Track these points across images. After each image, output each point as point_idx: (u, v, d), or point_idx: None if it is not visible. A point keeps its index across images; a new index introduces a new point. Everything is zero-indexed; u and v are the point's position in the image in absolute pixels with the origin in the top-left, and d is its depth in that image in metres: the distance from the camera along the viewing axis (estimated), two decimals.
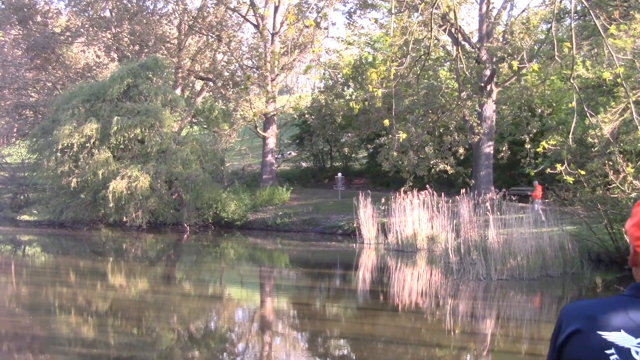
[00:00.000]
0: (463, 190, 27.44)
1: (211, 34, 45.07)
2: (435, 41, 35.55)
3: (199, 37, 45.74)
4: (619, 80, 15.76)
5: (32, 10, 47.91)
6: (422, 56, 33.13)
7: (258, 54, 43.96)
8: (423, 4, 31.46)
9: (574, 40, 18.41)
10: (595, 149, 19.41)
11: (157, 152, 36.37)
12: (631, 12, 15.18)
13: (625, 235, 14.83)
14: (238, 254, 30.30)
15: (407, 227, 27.69)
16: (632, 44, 14.00)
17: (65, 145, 35.92)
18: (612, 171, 14.82)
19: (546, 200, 27.25)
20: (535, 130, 33.30)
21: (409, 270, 24.08)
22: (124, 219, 35.70)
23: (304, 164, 49.73)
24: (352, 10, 41.77)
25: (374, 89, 30.57)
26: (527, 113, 35.53)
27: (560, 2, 24.87)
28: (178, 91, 42.32)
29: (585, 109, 18.15)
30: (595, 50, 22.56)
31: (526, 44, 34.81)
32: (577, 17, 27.56)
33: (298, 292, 21.43)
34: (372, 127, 36.69)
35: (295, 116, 47.63)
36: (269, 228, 36.27)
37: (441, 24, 32.41)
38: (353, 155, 47.43)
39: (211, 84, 45.84)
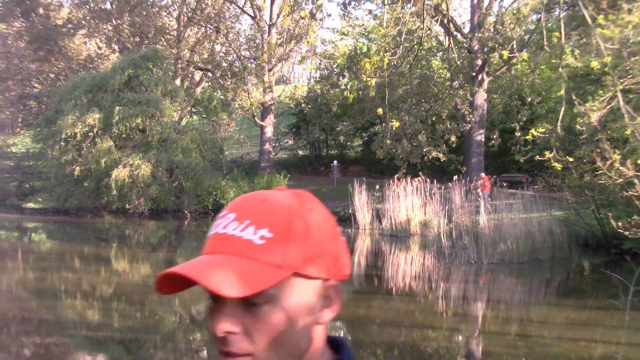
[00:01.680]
0: (455, 177, 27.51)
1: (209, 26, 45.03)
2: (428, 32, 35.62)
3: (198, 28, 45.67)
4: (606, 69, 15.77)
5: (35, 3, 47.84)
6: (415, 46, 33.43)
7: (255, 45, 43.93)
8: None
9: (562, 30, 18.46)
10: (583, 136, 19.45)
11: (157, 141, 36.39)
12: (619, 3, 15.18)
13: (611, 220, 14.89)
14: None
15: (401, 213, 27.77)
16: (620, 34, 14.01)
17: (69, 134, 36.06)
18: (599, 158, 14.87)
19: (535, 186, 27.29)
20: (525, 119, 33.41)
21: (402, 254, 24.14)
22: (127, 206, 35.87)
23: (300, 152, 49.77)
24: (346, 1, 41.70)
25: (368, 79, 30.72)
26: (518, 102, 35.63)
27: None
28: (178, 81, 42.29)
29: (574, 97, 18.20)
30: (584, 40, 22.51)
31: (516, 34, 34.88)
32: (566, 7, 27.46)
33: None
34: (366, 115, 36.75)
35: (291, 105, 47.68)
36: None
37: (434, 14, 32.51)
38: (348, 143, 47.51)
39: (210, 74, 45.80)
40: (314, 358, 1.25)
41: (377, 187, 29.62)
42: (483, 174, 30.24)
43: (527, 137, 24.53)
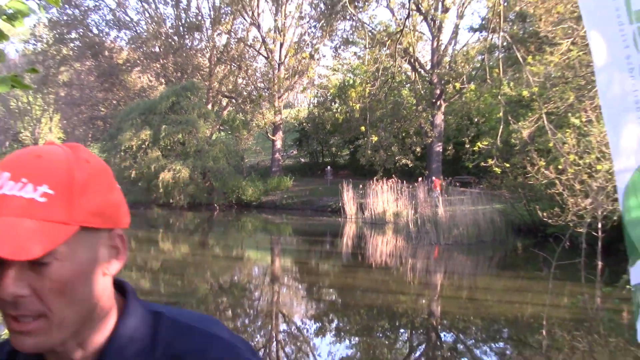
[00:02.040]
0: (420, 179, 27.64)
1: (234, 64, 44.99)
2: (399, 68, 35.58)
3: (225, 66, 45.60)
4: (534, 97, 15.81)
5: (102, 47, 47.77)
6: (389, 79, 33.35)
7: (268, 78, 43.90)
8: (389, 40, 31.52)
9: (501, 67, 18.38)
10: (517, 147, 19.42)
11: (194, 152, 36.37)
12: (543, 46, 15.16)
13: (538, 211, 14.85)
14: (254, 226, 30.29)
15: (379, 206, 27.76)
16: (544, 70, 14.01)
17: (127, 146, 36.18)
18: (529, 164, 14.83)
19: (481, 186, 27.26)
20: (472, 134, 33.31)
21: (379, 237, 24.09)
22: (170, 201, 35.93)
23: (302, 160, 49.66)
24: (337, 45, 41.79)
25: (354, 104, 30.49)
26: (467, 121, 35.58)
27: (491, 39, 24.85)
28: (209, 106, 42.18)
29: (510, 118, 18.22)
30: (517, 75, 22.53)
31: (466, 71, 34.91)
32: (503, 50, 27.50)
33: (298, 253, 21.45)
34: (352, 132, 36.73)
35: (295, 124, 47.72)
36: (277, 207, 36.29)
37: (403, 55, 32.53)
38: (339, 153, 47.41)
39: (233, 100, 45.76)
40: (106, 308, 1.06)
41: (361, 186, 29.73)
42: (434, 178, 30.24)
43: (474, 149, 24.62)
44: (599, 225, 11.44)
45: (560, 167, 10.42)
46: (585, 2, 2.69)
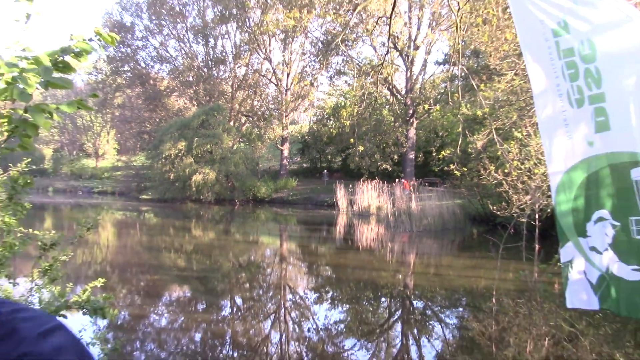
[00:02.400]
0: (397, 180, 27.60)
1: (250, 90, 45.02)
2: (380, 93, 35.61)
3: (243, 91, 45.55)
4: (485, 116, 15.87)
5: (148, 77, 47.79)
6: (372, 102, 33.26)
7: (277, 101, 43.84)
8: (373, 72, 31.48)
9: (460, 93, 18.31)
10: (472, 155, 19.40)
11: (219, 159, 36.30)
12: (493, 76, 15.18)
13: (490, 205, 14.84)
14: (266, 217, 30.26)
15: (364, 201, 27.74)
16: (493, 95, 14.03)
17: (167, 155, 36.17)
18: (482, 168, 14.82)
19: (445, 185, 27.25)
20: (437, 145, 33.39)
21: (365, 226, 24.07)
22: (201, 197, 35.85)
23: (304, 165, 49.52)
24: (332, 75, 41.74)
25: (345, 121, 30.20)
26: (433, 135, 35.62)
27: (452, 70, 24.90)
28: (231, 123, 42.08)
29: (467, 132, 18.23)
30: (472, 98, 22.54)
31: (432, 95, 34.85)
32: (462, 79, 27.51)
33: (301, 239, 21.43)
34: (343, 143, 36.67)
35: (299, 137, 47.60)
36: (284, 202, 36.26)
37: (383, 83, 32.51)
38: (333, 159, 47.31)
39: (250, 118, 45.71)
40: None
41: (350, 185, 29.70)
42: (403, 180, 30.17)
43: (439, 156, 24.62)
44: (537, 216, 11.46)
45: (506, 170, 10.44)
46: (526, 42, 2.77)
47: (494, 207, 10.13)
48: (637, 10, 2.55)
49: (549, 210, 9.68)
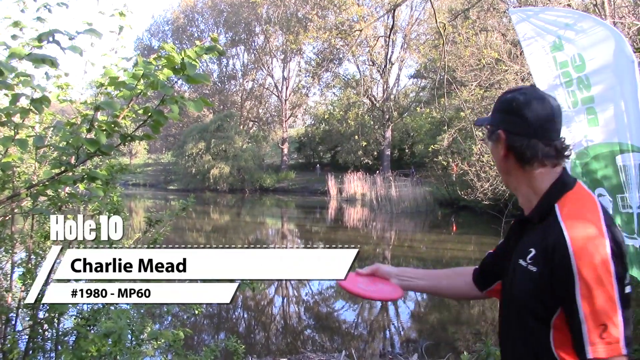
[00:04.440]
0: (377, 171, 27.43)
1: (256, 100, 44.77)
2: (362, 101, 35.41)
3: (251, 101, 45.21)
4: (450, 119, 15.82)
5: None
6: (356, 110, 32.99)
7: (278, 109, 43.58)
8: (356, 84, 31.13)
9: (436, 99, 17.98)
10: (440, 151, 19.33)
11: (232, 156, 35.99)
12: (453, 86, 15.10)
13: (457, 190, 14.74)
14: (271, 203, 30.11)
15: (351, 189, 27.61)
16: (458, 103, 13.93)
17: (189, 153, 35.89)
18: (448, 161, 14.73)
19: (417, 175, 27.16)
20: (410, 143, 33.30)
21: (352, 209, 23.98)
22: (217, 187, 35.59)
23: (300, 161, 49.24)
24: (322, 87, 41.49)
25: (335, 124, 29.67)
26: (406, 135, 35.50)
27: (421, 83, 24.77)
28: (241, 127, 41.70)
29: (435, 132, 18.11)
30: (439, 105, 22.52)
31: (405, 103, 34.71)
32: (432, 88, 27.39)
33: (298, 219, 21.33)
34: (333, 142, 36.53)
35: (296, 138, 47.31)
36: (285, 190, 36.06)
37: (364, 93, 32.29)
38: (324, 156, 47.07)
39: (256, 123, 45.42)
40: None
41: (340, 177, 29.49)
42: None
43: (412, 152, 24.42)
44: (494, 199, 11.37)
45: (469, 163, 10.33)
46: (529, 52, 2.94)
47: (462, 192, 10.02)
48: (615, 29, 2.74)
49: (506, 196, 9.59)
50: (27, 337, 2.82)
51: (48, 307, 2.77)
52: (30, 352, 2.73)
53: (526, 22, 2.86)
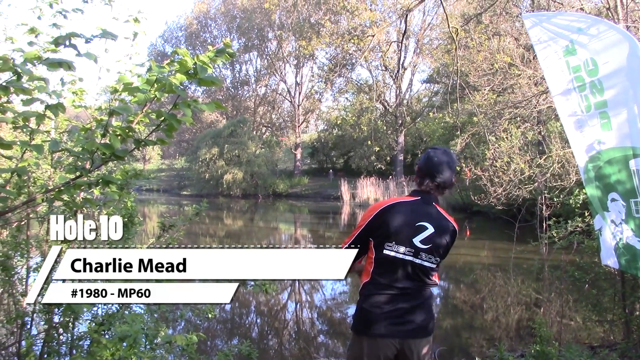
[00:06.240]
0: (390, 176, 27.36)
1: (269, 106, 44.97)
2: (375, 107, 35.34)
3: (264, 107, 45.43)
4: (463, 124, 15.72)
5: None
6: (369, 115, 32.97)
7: (291, 114, 43.71)
8: (369, 89, 31.13)
9: (448, 103, 17.92)
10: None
11: (245, 161, 36.12)
12: (468, 91, 14.99)
13: (471, 196, 14.62)
14: (284, 208, 30.15)
15: (364, 194, 27.59)
16: (471, 107, 13.85)
17: (203, 158, 35.99)
18: (463, 166, 14.61)
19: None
20: (423, 148, 33.05)
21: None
22: (230, 193, 35.66)
23: (313, 166, 49.28)
24: (335, 92, 41.51)
25: (348, 130, 29.64)
26: (419, 140, 35.33)
27: (434, 88, 24.66)
28: (254, 132, 41.91)
29: (448, 138, 17.98)
30: (452, 110, 22.37)
31: (418, 108, 34.59)
32: (443, 94, 27.25)
33: (311, 225, 21.31)
34: (346, 147, 36.53)
35: (309, 143, 47.36)
36: (298, 196, 36.06)
37: (377, 98, 32.24)
38: (337, 161, 47.06)
39: (270, 129, 45.59)
40: None
41: (353, 182, 29.45)
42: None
43: None
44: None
45: (483, 168, 10.23)
46: (542, 57, 2.96)
47: (476, 197, 9.93)
48: (628, 33, 2.69)
49: (519, 201, 9.47)
50: (42, 341, 2.84)
51: (63, 311, 2.79)
52: (45, 355, 2.75)
53: (539, 26, 2.84)
